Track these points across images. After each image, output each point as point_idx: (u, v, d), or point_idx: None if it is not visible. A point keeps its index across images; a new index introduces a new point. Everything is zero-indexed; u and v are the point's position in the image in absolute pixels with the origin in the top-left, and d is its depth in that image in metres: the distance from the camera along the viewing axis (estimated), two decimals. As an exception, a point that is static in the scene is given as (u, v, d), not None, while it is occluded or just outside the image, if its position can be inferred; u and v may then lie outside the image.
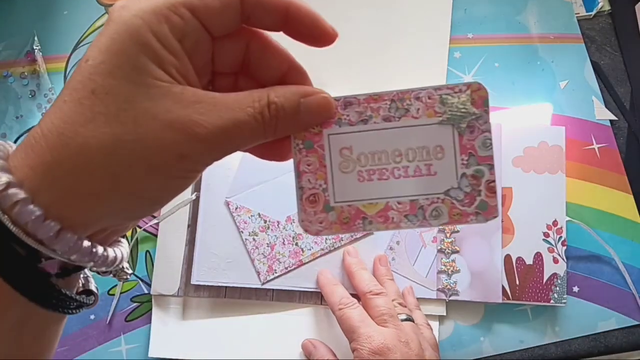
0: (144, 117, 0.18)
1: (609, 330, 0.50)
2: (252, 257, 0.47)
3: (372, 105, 0.23)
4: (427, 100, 0.23)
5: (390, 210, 0.23)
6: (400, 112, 0.23)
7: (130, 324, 0.48)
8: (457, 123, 0.23)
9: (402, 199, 0.23)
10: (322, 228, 0.24)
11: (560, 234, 0.50)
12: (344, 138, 0.23)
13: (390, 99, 0.23)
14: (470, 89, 0.23)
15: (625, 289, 0.51)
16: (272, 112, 0.21)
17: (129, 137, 0.18)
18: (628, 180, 0.53)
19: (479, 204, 0.23)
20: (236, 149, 0.21)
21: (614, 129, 0.55)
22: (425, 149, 0.23)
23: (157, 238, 0.49)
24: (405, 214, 0.23)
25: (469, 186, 0.23)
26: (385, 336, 0.38)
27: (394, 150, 0.23)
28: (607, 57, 0.57)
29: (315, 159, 0.24)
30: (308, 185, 0.24)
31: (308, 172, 0.24)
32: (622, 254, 0.51)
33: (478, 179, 0.23)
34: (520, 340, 0.49)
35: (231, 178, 0.49)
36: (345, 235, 0.48)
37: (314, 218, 0.24)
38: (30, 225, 0.18)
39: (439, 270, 0.49)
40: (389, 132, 0.23)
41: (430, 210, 0.23)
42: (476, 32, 0.56)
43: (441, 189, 0.23)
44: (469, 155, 0.23)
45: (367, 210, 0.23)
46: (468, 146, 0.23)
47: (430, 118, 0.23)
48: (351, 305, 0.41)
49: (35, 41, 0.53)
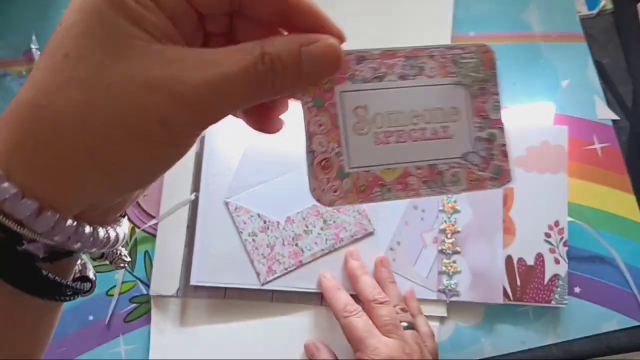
0: (119, 79, 0.16)
1: (610, 331, 0.50)
2: (251, 257, 0.47)
3: (387, 61, 0.22)
4: (440, 60, 0.22)
5: (409, 176, 0.21)
6: (415, 71, 0.22)
7: (129, 324, 0.48)
8: (470, 84, 0.22)
9: (421, 164, 0.21)
10: (337, 197, 0.21)
11: (561, 235, 0.49)
12: (358, 96, 0.21)
13: (405, 56, 0.22)
14: (480, 51, 0.22)
15: (627, 289, 0.50)
16: (267, 63, 0.18)
17: (103, 103, 0.16)
18: (630, 180, 0.53)
19: (494, 169, 0.22)
20: (228, 111, 0.18)
21: (616, 128, 0.54)
22: (441, 111, 0.22)
23: (156, 239, 0.48)
24: (424, 179, 0.21)
25: (484, 150, 0.22)
26: (391, 348, 0.39)
27: (411, 110, 0.21)
28: (609, 56, 0.57)
29: (327, 119, 0.21)
30: (320, 148, 0.21)
31: (319, 134, 0.21)
32: (624, 254, 0.51)
33: (491, 142, 0.22)
34: (522, 341, 0.49)
35: (230, 178, 0.48)
36: (345, 234, 0.48)
37: (327, 186, 0.21)
38: (7, 204, 0.16)
39: (439, 271, 0.48)
40: (405, 91, 0.21)
41: (448, 176, 0.22)
42: (478, 30, 0.56)
43: (458, 153, 0.22)
44: (482, 117, 0.22)
45: (386, 176, 0.21)
46: (480, 109, 0.22)
47: (444, 78, 0.22)
48: (356, 314, 0.42)
49: (33, 40, 0.52)
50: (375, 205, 0.49)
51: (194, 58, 0.17)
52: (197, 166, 0.49)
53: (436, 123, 0.22)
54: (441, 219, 0.49)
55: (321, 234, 0.48)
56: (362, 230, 0.48)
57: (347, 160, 0.21)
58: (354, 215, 0.49)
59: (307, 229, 0.48)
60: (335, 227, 0.48)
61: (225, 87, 0.17)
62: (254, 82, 0.18)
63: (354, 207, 0.48)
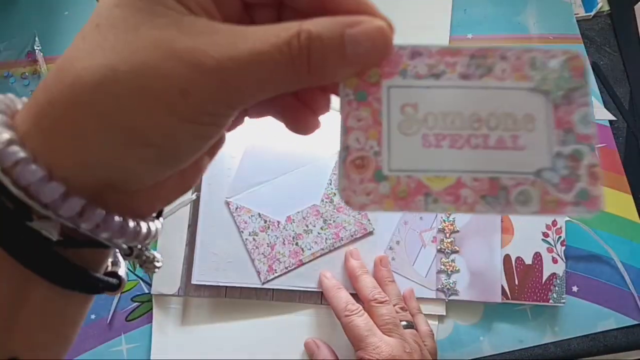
0: (143, 45, 0.15)
1: (608, 330, 0.50)
2: (252, 257, 0.48)
3: (447, 59, 0.19)
4: (515, 62, 0.19)
5: (463, 187, 0.18)
6: (481, 70, 0.19)
7: (130, 323, 0.49)
8: (552, 91, 0.19)
9: (480, 175, 0.18)
10: (370, 201, 0.18)
11: (559, 234, 0.50)
12: (409, 93, 0.19)
13: (470, 55, 0.19)
14: (566, 56, 0.19)
15: (624, 288, 0.51)
16: (303, 41, 0.16)
17: (124, 68, 0.15)
18: (627, 180, 0.53)
19: (579, 192, 0.18)
20: (258, 92, 0.17)
21: (613, 129, 0.55)
22: (512, 117, 0.19)
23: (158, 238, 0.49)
24: (482, 194, 0.18)
25: (566, 168, 0.18)
26: (392, 347, 0.39)
27: (472, 114, 0.19)
28: (606, 58, 0.57)
29: (368, 114, 0.19)
30: (356, 145, 0.19)
31: (357, 129, 0.19)
32: (621, 253, 0.51)
33: (577, 160, 0.18)
34: (520, 340, 0.50)
35: (231, 178, 0.49)
36: (344, 234, 0.48)
37: (359, 187, 0.19)
38: (16, 170, 0.15)
39: (438, 270, 0.49)
40: (467, 92, 0.19)
41: (515, 194, 0.18)
42: (476, 32, 0.56)
43: (531, 168, 0.18)
44: (566, 130, 0.19)
45: (433, 184, 0.18)
46: (565, 120, 0.19)
47: (519, 82, 0.19)
48: (357, 313, 0.42)
49: (36, 41, 0.53)
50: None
51: (226, 32, 0.16)
52: (198, 166, 0.50)
53: (504, 131, 0.18)
54: (440, 218, 0.50)
55: (321, 233, 0.48)
56: (362, 229, 0.49)
57: (386, 161, 0.19)
58: (353, 214, 0.49)
59: (307, 229, 0.48)
60: (335, 227, 0.49)
61: (253, 63, 0.16)
62: (288, 62, 0.16)
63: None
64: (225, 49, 0.15)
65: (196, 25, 0.16)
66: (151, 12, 0.16)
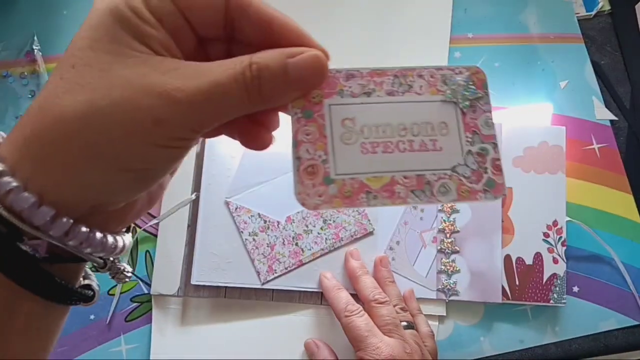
0: (119, 82, 0.18)
1: (609, 330, 0.50)
2: (252, 257, 0.47)
3: (375, 79, 0.23)
4: (430, 79, 0.23)
5: (396, 184, 0.22)
6: (403, 88, 0.23)
7: (130, 324, 0.48)
8: (460, 101, 0.23)
9: (409, 173, 0.22)
10: (321, 202, 0.22)
11: (560, 234, 0.50)
12: (347, 109, 0.22)
13: (394, 75, 0.23)
14: (469, 72, 0.24)
15: (625, 289, 0.51)
16: (254, 72, 0.19)
17: (103, 102, 0.18)
18: (628, 180, 0.53)
19: (486, 182, 0.23)
20: (219, 117, 0.19)
21: (614, 128, 0.55)
22: (430, 125, 0.23)
23: (157, 238, 0.49)
24: (412, 189, 0.22)
25: (475, 163, 0.23)
26: (392, 347, 0.39)
27: (399, 124, 0.23)
28: (607, 57, 0.57)
29: (314, 129, 0.22)
30: (306, 155, 0.22)
31: (306, 142, 0.22)
32: (622, 254, 0.51)
33: (483, 156, 0.23)
34: (520, 340, 0.49)
35: (231, 178, 0.49)
36: (344, 234, 0.48)
37: (312, 191, 0.22)
38: (9, 198, 0.17)
39: (438, 270, 0.49)
40: (393, 106, 0.23)
41: (437, 187, 0.22)
42: (476, 32, 0.56)
43: (448, 165, 0.23)
44: (473, 133, 0.23)
45: (372, 184, 0.22)
46: (471, 124, 0.23)
47: (434, 95, 0.23)
48: (357, 313, 0.42)
49: (34, 41, 0.53)
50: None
51: (189, 68, 0.19)
52: (198, 166, 0.50)
53: (425, 136, 0.23)
54: (440, 218, 0.50)
55: (321, 233, 0.48)
56: (362, 230, 0.49)
57: (333, 167, 0.22)
58: (353, 215, 0.49)
59: (307, 229, 0.48)
60: (335, 227, 0.49)
61: (215, 92, 0.18)
62: (243, 90, 0.19)
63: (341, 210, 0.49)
64: (191, 82, 0.18)
65: (163, 63, 0.19)
66: (121, 54, 0.18)
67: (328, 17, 0.54)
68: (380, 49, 0.54)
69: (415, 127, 0.23)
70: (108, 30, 0.18)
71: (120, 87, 0.18)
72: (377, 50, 0.54)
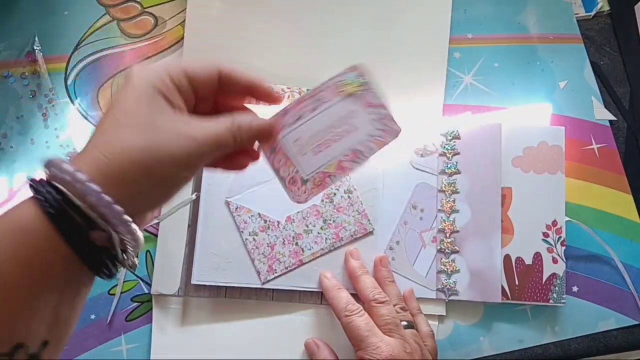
0: (163, 128, 0.27)
1: (608, 330, 0.50)
2: (252, 257, 0.48)
3: (301, 105, 0.33)
4: (333, 88, 0.33)
5: (342, 162, 0.33)
6: (318, 102, 0.33)
7: (130, 323, 0.49)
8: (353, 92, 0.33)
9: (347, 152, 0.33)
10: (307, 195, 0.33)
11: (559, 234, 0.50)
12: (292, 134, 0.33)
13: (310, 97, 0.33)
14: (351, 69, 0.33)
15: (624, 288, 0.51)
16: (236, 128, 0.30)
17: (155, 140, 0.27)
18: (627, 180, 0.53)
19: (389, 131, 0.33)
20: (219, 152, 0.29)
21: (613, 129, 0.55)
22: (345, 117, 0.33)
23: (158, 238, 0.49)
24: (352, 160, 0.33)
25: (380, 124, 0.33)
26: (393, 347, 0.39)
27: (327, 126, 0.33)
28: (606, 58, 0.57)
29: (281, 156, 0.33)
30: (285, 174, 0.33)
31: (281, 166, 0.33)
32: (621, 253, 0.51)
33: (381, 118, 0.33)
34: (520, 340, 0.50)
35: (231, 178, 0.49)
36: (344, 234, 0.48)
37: (299, 191, 0.33)
38: (103, 209, 0.25)
39: (438, 270, 0.49)
40: (318, 117, 0.33)
41: (365, 150, 0.33)
42: (476, 32, 0.56)
43: (367, 134, 0.33)
44: (370, 106, 0.33)
45: (329, 169, 0.33)
46: (367, 103, 0.33)
47: (337, 97, 0.33)
48: (357, 313, 0.42)
49: (35, 41, 0.53)
50: (374, 205, 0.49)
51: (200, 122, 0.29)
52: (198, 166, 0.50)
53: (346, 125, 0.33)
54: (440, 218, 0.50)
55: (321, 233, 0.48)
56: (362, 229, 0.49)
57: (303, 172, 0.33)
58: (353, 215, 0.49)
59: (307, 229, 0.48)
60: (335, 227, 0.49)
61: (217, 138, 0.29)
62: (231, 137, 0.30)
63: (354, 208, 0.49)
64: (203, 131, 0.28)
65: (184, 118, 0.29)
66: (159, 111, 0.28)
67: (328, 19, 0.55)
68: (380, 50, 0.54)
69: (337, 123, 0.33)
70: (150, 96, 0.28)
71: (164, 131, 0.27)
72: (377, 51, 0.54)
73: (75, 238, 0.25)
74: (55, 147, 0.51)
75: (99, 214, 0.25)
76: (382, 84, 0.33)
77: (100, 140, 0.26)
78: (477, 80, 0.55)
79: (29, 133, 0.51)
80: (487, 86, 0.55)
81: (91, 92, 0.52)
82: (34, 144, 0.51)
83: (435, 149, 0.51)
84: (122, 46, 0.53)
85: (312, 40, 0.54)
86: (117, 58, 0.53)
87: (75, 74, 0.53)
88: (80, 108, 0.52)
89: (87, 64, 0.53)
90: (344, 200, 0.49)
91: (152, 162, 0.26)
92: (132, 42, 0.54)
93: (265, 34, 0.53)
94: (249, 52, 0.53)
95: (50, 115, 0.52)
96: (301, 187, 0.33)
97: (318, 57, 0.54)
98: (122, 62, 0.53)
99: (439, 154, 0.51)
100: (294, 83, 0.52)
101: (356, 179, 0.50)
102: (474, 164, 0.50)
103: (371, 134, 0.33)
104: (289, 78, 0.53)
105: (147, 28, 0.54)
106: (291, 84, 0.52)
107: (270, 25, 0.54)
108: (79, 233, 0.25)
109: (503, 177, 0.50)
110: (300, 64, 0.53)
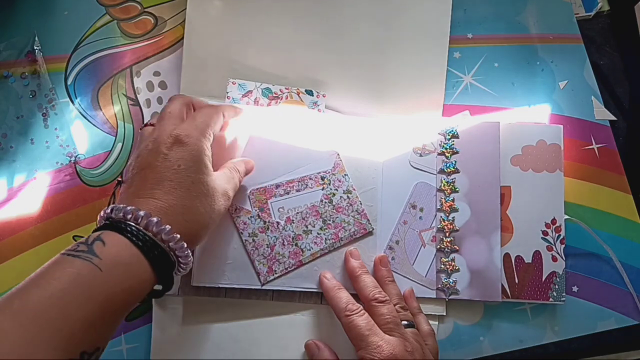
0: (211, 184, 0.39)
1: (608, 329, 0.50)
2: (252, 258, 0.48)
3: (290, 185, 0.47)
4: (314, 179, 0.46)
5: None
6: (303, 186, 0.47)
7: (130, 323, 0.49)
8: (328, 185, 0.48)
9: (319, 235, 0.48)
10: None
11: (559, 232, 0.50)
12: (278, 203, 0.47)
13: (298, 181, 0.47)
14: (334, 170, 0.48)
15: (624, 288, 0.51)
16: (234, 173, 0.44)
17: (208, 193, 0.38)
18: (627, 180, 0.53)
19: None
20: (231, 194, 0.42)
21: (613, 129, 0.55)
22: (320, 202, 0.48)
23: (158, 238, 0.49)
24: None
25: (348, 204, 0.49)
26: (394, 346, 0.39)
27: (305, 205, 0.47)
28: (606, 58, 0.57)
29: (265, 215, 0.47)
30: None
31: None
32: (621, 253, 0.51)
33: (350, 199, 0.49)
34: (520, 340, 0.50)
35: (231, 178, 0.49)
36: (344, 234, 0.48)
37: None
38: (171, 244, 0.35)
39: (438, 269, 0.49)
40: (300, 197, 0.47)
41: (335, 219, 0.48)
42: (476, 32, 0.56)
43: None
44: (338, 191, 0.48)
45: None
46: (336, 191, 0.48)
47: (318, 187, 0.48)
48: (357, 312, 0.42)
49: (35, 41, 0.53)
50: (373, 205, 0.49)
51: (226, 176, 0.42)
52: (198, 166, 0.50)
53: (320, 207, 0.48)
54: (439, 217, 0.50)
55: (321, 233, 0.48)
56: (362, 229, 0.49)
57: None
58: (352, 215, 0.49)
59: (306, 229, 0.48)
60: (335, 227, 0.49)
61: (237, 186, 0.43)
62: (239, 179, 0.44)
63: (354, 208, 0.49)
64: (225, 185, 0.41)
65: (216, 174, 0.40)
66: (203, 172, 0.39)
67: (328, 20, 0.55)
68: (380, 50, 0.54)
69: (313, 205, 0.47)
70: (197, 160, 0.38)
71: (211, 187, 0.39)
72: (377, 51, 0.54)
73: (163, 269, 0.34)
74: (55, 147, 0.51)
75: (170, 248, 0.34)
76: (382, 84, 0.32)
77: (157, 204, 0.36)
78: (477, 80, 0.55)
79: (29, 133, 0.51)
80: (487, 86, 0.55)
81: (91, 92, 0.52)
82: (34, 144, 0.51)
83: (434, 148, 0.51)
84: (122, 46, 0.53)
85: (312, 40, 0.54)
86: (117, 58, 0.53)
87: (75, 74, 0.53)
88: (80, 108, 0.52)
89: (87, 64, 0.53)
90: (343, 200, 0.49)
91: (202, 219, 0.38)
92: (132, 42, 0.54)
93: (265, 34, 0.53)
94: (249, 52, 0.53)
95: (50, 115, 0.52)
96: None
97: (318, 57, 0.54)
98: (122, 62, 0.53)
99: (437, 153, 0.51)
100: (294, 83, 0.52)
101: (355, 178, 0.50)
102: (473, 163, 0.50)
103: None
104: (289, 78, 0.53)
105: (147, 28, 0.54)
106: (291, 85, 0.52)
107: (270, 26, 0.54)
108: (168, 266, 0.35)
109: (502, 175, 0.50)
110: (300, 64, 0.53)
